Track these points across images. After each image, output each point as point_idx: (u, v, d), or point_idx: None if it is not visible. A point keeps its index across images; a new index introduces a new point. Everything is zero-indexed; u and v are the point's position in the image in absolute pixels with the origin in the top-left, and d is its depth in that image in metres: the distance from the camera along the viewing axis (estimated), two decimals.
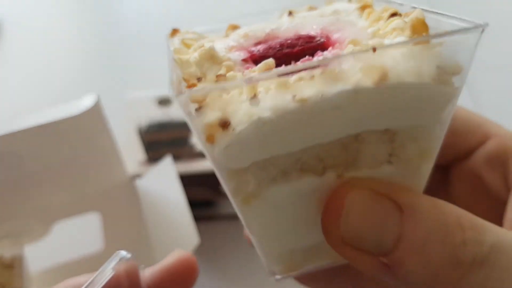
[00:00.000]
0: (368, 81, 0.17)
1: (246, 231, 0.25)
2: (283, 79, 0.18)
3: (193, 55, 0.21)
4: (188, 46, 0.23)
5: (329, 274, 0.26)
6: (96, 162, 0.41)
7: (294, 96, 0.17)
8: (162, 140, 0.49)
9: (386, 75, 0.17)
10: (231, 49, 0.22)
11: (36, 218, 0.42)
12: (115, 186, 0.44)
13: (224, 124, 0.18)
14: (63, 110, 0.37)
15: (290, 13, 0.25)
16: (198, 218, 0.43)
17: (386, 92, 0.17)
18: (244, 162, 0.19)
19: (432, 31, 0.19)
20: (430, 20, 0.20)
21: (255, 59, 0.21)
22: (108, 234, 0.46)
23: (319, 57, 0.20)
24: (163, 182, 0.43)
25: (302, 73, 0.18)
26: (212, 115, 0.18)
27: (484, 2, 0.92)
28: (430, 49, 0.18)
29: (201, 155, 0.47)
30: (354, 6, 0.24)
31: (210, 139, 0.18)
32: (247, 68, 0.20)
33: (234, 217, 0.51)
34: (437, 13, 0.20)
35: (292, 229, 0.23)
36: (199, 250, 0.41)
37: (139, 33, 0.86)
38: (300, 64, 0.19)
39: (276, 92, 0.18)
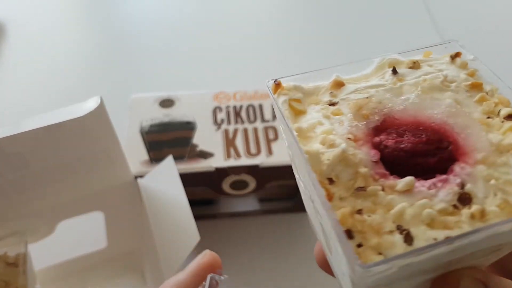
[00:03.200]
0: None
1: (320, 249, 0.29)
2: (430, 213, 0.19)
3: (326, 155, 0.21)
4: (297, 112, 0.24)
5: None
6: (100, 162, 0.42)
7: (446, 239, 0.18)
8: (164, 141, 0.49)
9: None
10: (355, 140, 0.22)
11: (41, 217, 0.43)
12: (118, 185, 0.44)
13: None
14: (67, 112, 0.38)
15: (395, 71, 0.25)
16: (199, 216, 0.44)
17: None
18: (382, 284, 0.20)
19: None
20: None
21: (386, 160, 0.21)
22: (110, 233, 0.47)
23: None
24: (165, 182, 0.43)
25: (446, 205, 0.19)
26: (369, 253, 0.18)
27: (480, 2, 0.93)
28: None
29: (202, 155, 0.48)
30: (463, 75, 0.25)
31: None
32: (382, 176, 0.21)
33: (233, 215, 0.52)
34: None
35: None
36: (200, 248, 0.41)
37: (142, 35, 0.87)
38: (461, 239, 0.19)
39: (426, 231, 0.19)
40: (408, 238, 0.18)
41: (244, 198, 0.50)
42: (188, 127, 0.51)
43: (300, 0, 0.98)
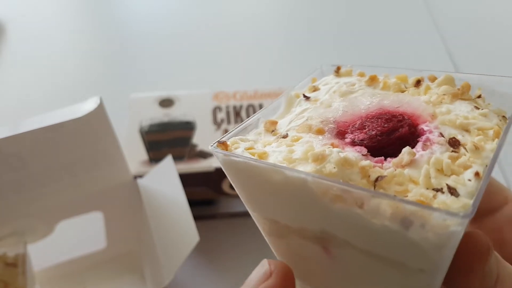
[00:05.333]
0: None
1: None
2: (448, 163, 0.20)
3: (328, 167, 0.21)
4: (260, 155, 0.23)
5: None
6: (100, 162, 0.42)
7: (476, 173, 0.20)
8: (164, 140, 0.49)
9: None
10: (335, 147, 0.23)
11: (40, 217, 0.42)
12: (118, 185, 0.44)
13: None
14: (67, 112, 0.38)
15: (306, 96, 0.28)
16: (198, 216, 0.43)
17: None
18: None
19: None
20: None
21: (372, 151, 0.22)
22: (110, 233, 0.46)
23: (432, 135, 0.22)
24: (164, 182, 0.43)
25: (449, 153, 0.21)
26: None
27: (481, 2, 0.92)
28: None
29: (201, 155, 0.47)
30: (355, 78, 0.29)
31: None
32: (381, 161, 0.21)
33: (233, 215, 0.52)
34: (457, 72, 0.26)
35: None
36: (199, 248, 0.41)
37: (142, 35, 0.87)
38: None
39: (457, 178, 0.20)
40: (452, 191, 0.19)
41: None
42: (188, 127, 0.50)
43: (299, 2, 0.97)
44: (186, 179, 0.45)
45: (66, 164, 0.40)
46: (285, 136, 0.25)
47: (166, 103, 0.53)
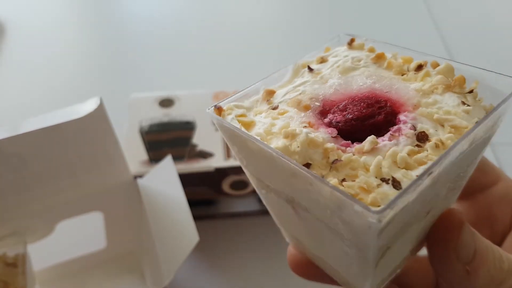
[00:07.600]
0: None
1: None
2: (402, 157, 0.21)
3: (294, 145, 0.22)
4: (247, 124, 0.25)
5: None
6: (100, 162, 0.42)
7: (426, 170, 0.20)
8: (164, 140, 0.49)
9: None
10: (310, 126, 0.24)
11: (40, 217, 0.42)
12: (118, 185, 0.44)
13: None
14: (67, 113, 0.38)
15: (310, 68, 0.29)
16: (198, 216, 0.44)
17: None
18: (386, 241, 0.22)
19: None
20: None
21: (343, 133, 0.24)
22: (110, 233, 0.47)
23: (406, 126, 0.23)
24: (164, 182, 0.43)
25: (411, 147, 0.22)
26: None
27: (481, 2, 0.92)
28: None
29: (201, 155, 0.47)
30: (364, 54, 0.29)
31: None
32: (346, 145, 0.23)
33: (233, 215, 0.52)
34: (459, 63, 0.26)
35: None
36: (199, 248, 0.41)
37: (142, 35, 0.87)
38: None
39: (406, 173, 0.21)
40: (396, 184, 0.20)
41: (244, 198, 0.50)
42: (188, 127, 0.50)
43: (299, 1, 0.97)
44: (186, 179, 0.45)
45: (66, 164, 0.40)
46: (275, 108, 0.26)
47: (166, 103, 0.53)
